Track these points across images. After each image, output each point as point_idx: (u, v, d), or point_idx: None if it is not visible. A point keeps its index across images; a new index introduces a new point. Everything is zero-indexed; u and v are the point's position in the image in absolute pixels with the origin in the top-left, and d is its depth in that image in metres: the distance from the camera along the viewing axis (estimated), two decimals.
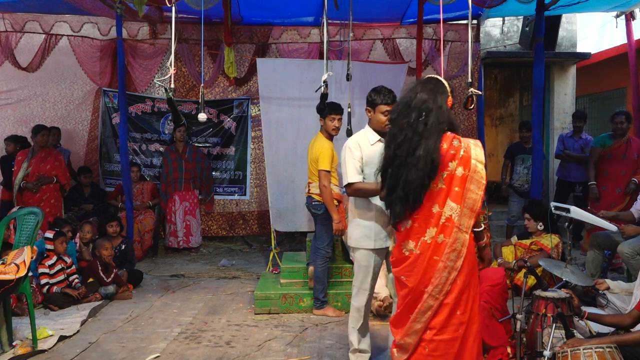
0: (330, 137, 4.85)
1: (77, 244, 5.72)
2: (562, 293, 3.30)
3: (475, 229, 2.97)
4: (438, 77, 2.86)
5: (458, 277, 2.66)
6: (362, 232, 3.47)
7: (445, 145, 2.67)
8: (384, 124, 3.41)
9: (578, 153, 7.12)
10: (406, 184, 2.66)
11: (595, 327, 3.38)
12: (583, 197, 7.15)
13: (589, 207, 5.93)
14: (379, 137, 3.46)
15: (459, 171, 2.67)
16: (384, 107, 3.42)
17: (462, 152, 2.68)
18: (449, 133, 2.72)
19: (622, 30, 7.21)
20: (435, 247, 2.67)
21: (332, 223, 4.64)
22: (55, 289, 5.01)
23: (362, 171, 3.39)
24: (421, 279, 2.69)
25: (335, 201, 4.72)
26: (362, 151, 3.41)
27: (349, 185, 3.38)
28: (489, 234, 5.96)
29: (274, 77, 6.32)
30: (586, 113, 7.83)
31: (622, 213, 5.16)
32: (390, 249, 3.47)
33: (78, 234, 5.88)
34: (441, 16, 4.29)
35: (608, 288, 4.19)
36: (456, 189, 2.66)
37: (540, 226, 5.10)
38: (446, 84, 2.80)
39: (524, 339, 3.29)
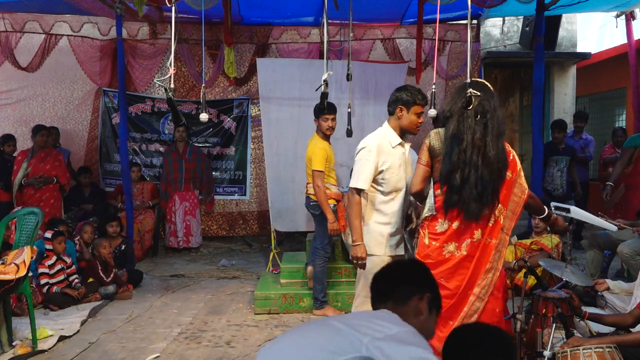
0: (325, 138, 4.84)
1: (78, 244, 5.72)
2: (562, 293, 3.30)
3: None
4: (484, 81, 2.89)
5: (498, 277, 2.77)
6: (374, 237, 3.31)
7: None
8: (417, 125, 3.35)
9: (579, 153, 7.11)
10: (480, 183, 2.69)
11: (596, 327, 3.38)
12: (584, 197, 7.15)
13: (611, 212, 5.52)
14: (400, 140, 3.35)
15: (508, 175, 2.77)
16: (420, 109, 3.31)
17: (511, 156, 2.80)
18: None
19: (622, 30, 7.20)
20: (483, 248, 2.74)
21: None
22: (55, 289, 5.01)
23: (374, 178, 3.29)
24: (468, 281, 2.71)
25: (333, 201, 4.71)
26: (381, 156, 3.27)
27: (356, 189, 3.23)
28: None
29: (274, 77, 6.32)
30: (587, 113, 7.82)
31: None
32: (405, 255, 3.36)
33: (78, 236, 5.87)
34: (437, 16, 4.29)
35: (608, 288, 4.18)
36: (504, 191, 2.76)
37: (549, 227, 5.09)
38: (492, 89, 2.86)
39: (524, 339, 3.29)
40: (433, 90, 3.79)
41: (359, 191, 3.25)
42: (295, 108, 6.30)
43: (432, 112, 3.65)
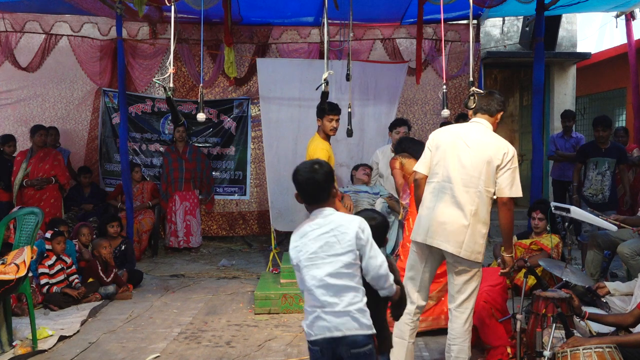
0: (327, 138, 4.83)
1: (77, 245, 5.71)
2: (562, 293, 3.30)
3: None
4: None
5: None
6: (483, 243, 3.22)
7: None
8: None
9: (570, 152, 7.04)
10: None
11: (596, 327, 3.37)
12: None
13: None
14: None
15: None
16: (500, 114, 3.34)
17: None
18: None
19: (622, 30, 7.21)
20: None
21: None
22: (55, 289, 5.00)
23: None
24: None
25: None
26: None
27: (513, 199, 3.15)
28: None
29: (274, 77, 6.32)
30: (574, 112, 7.81)
31: (630, 218, 5.07)
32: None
33: (77, 238, 5.87)
34: (442, 16, 4.28)
35: (608, 292, 4.16)
36: None
37: (549, 227, 5.09)
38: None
39: (524, 339, 3.29)
40: (444, 90, 3.82)
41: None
42: (295, 108, 6.30)
43: (446, 113, 3.69)
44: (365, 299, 2.33)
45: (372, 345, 2.33)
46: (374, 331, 2.33)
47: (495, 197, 3.14)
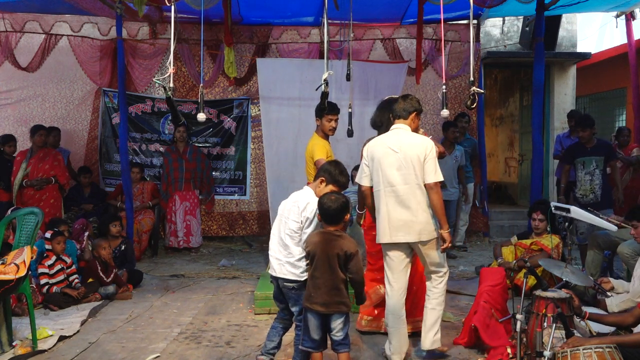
0: (325, 137, 4.84)
1: (83, 243, 5.72)
2: (562, 293, 3.30)
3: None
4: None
5: None
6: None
7: None
8: None
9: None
10: None
11: (596, 327, 3.38)
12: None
13: None
14: None
15: None
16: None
17: None
18: None
19: (622, 30, 7.22)
20: None
21: None
22: (55, 289, 5.00)
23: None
24: None
25: None
26: None
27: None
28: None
29: (274, 77, 6.33)
30: (580, 112, 7.80)
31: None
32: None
33: (86, 233, 5.87)
34: (441, 16, 4.29)
35: (613, 288, 4.17)
36: None
37: (549, 227, 5.08)
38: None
39: (524, 339, 3.29)
40: (444, 91, 3.85)
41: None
42: (295, 108, 6.31)
43: (445, 113, 3.90)
44: (298, 257, 3.26)
45: (300, 284, 3.26)
46: (299, 279, 3.26)
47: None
